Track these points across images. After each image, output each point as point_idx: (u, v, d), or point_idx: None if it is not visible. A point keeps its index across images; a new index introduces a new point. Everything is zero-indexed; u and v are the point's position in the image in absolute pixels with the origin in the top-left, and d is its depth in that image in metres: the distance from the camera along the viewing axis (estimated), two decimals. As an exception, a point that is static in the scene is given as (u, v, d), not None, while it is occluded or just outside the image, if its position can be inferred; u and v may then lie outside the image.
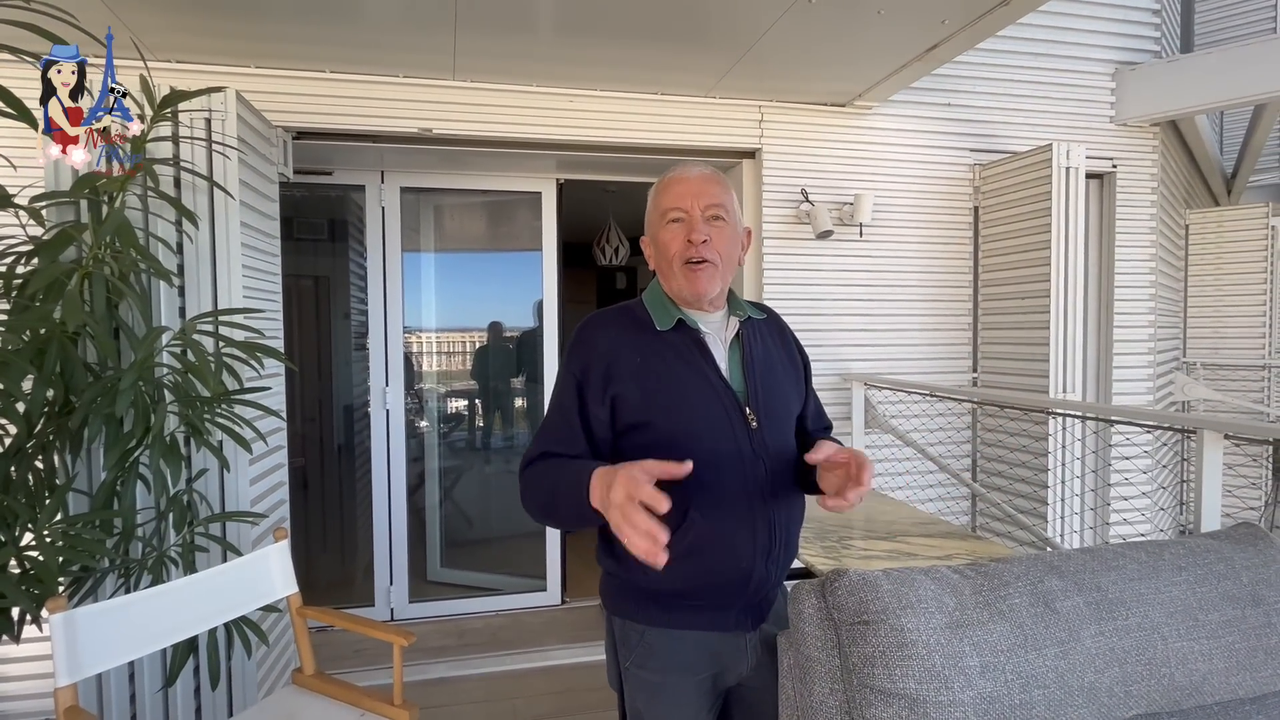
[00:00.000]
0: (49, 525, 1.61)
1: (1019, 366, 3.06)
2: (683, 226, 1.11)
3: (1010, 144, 3.30)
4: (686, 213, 1.10)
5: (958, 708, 0.90)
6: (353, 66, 2.62)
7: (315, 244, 4.02)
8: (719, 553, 1.07)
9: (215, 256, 2.08)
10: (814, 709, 1.03)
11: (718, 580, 1.08)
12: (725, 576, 1.08)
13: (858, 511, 2.52)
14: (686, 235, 1.10)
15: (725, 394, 1.10)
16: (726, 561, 1.08)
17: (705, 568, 1.07)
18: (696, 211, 1.10)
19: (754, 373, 1.13)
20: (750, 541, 1.08)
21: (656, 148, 2.99)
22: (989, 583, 1.02)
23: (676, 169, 1.16)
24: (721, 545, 1.07)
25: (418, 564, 3.44)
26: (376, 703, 1.63)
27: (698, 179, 1.12)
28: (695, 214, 1.10)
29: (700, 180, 1.12)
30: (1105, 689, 0.96)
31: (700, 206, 1.10)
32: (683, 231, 1.10)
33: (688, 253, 1.09)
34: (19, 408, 1.59)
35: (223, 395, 1.80)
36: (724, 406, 1.09)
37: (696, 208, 1.10)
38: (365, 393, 4.07)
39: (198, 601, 1.61)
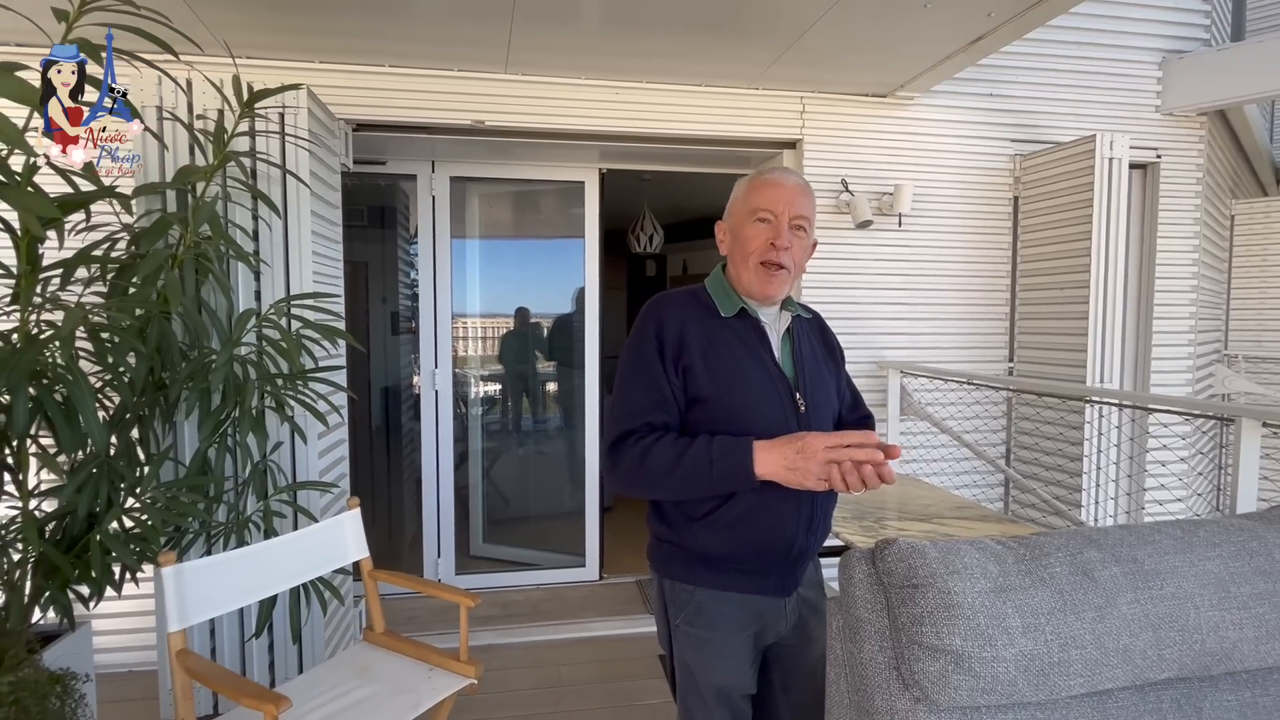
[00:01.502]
0: (152, 489, 1.76)
1: (1057, 356, 3.08)
2: (769, 228, 1.18)
3: (1053, 134, 3.29)
4: (776, 216, 1.18)
5: (1000, 663, 0.99)
6: (410, 61, 2.73)
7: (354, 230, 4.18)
8: (766, 522, 1.17)
9: (288, 243, 2.21)
10: (864, 664, 1.12)
11: (763, 548, 1.18)
12: (770, 545, 1.18)
13: (892, 495, 2.59)
14: (771, 238, 1.18)
15: (780, 380, 1.20)
16: (772, 531, 1.18)
17: (753, 536, 1.17)
18: (785, 218, 1.18)
19: (803, 363, 1.24)
20: (795, 514, 1.18)
21: (699, 138, 3.05)
22: (1030, 553, 1.10)
23: (774, 173, 1.23)
24: (769, 516, 1.17)
25: (462, 539, 3.59)
26: (445, 659, 1.77)
27: (793, 188, 1.20)
28: (784, 220, 1.18)
29: (795, 190, 1.20)
30: (1140, 651, 1.03)
31: (790, 214, 1.18)
32: (768, 233, 1.18)
33: (768, 254, 1.18)
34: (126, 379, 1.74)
35: (301, 373, 1.94)
36: (778, 390, 1.19)
37: (786, 215, 1.18)
38: (405, 375, 4.23)
39: (284, 561, 1.75)
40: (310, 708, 1.59)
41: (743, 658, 1.24)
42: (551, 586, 3.44)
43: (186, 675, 1.43)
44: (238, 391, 1.80)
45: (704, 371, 1.16)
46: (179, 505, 1.77)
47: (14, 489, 1.67)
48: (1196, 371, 3.55)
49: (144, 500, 1.77)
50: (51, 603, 1.71)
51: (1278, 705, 1.12)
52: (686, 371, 1.16)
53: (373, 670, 1.77)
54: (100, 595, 1.75)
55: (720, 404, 1.16)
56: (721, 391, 1.16)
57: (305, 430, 2.07)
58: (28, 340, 1.57)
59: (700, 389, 1.16)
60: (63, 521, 1.72)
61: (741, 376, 1.17)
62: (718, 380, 1.16)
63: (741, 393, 1.16)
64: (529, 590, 3.40)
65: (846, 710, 1.17)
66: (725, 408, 1.15)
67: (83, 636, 1.89)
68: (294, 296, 2.07)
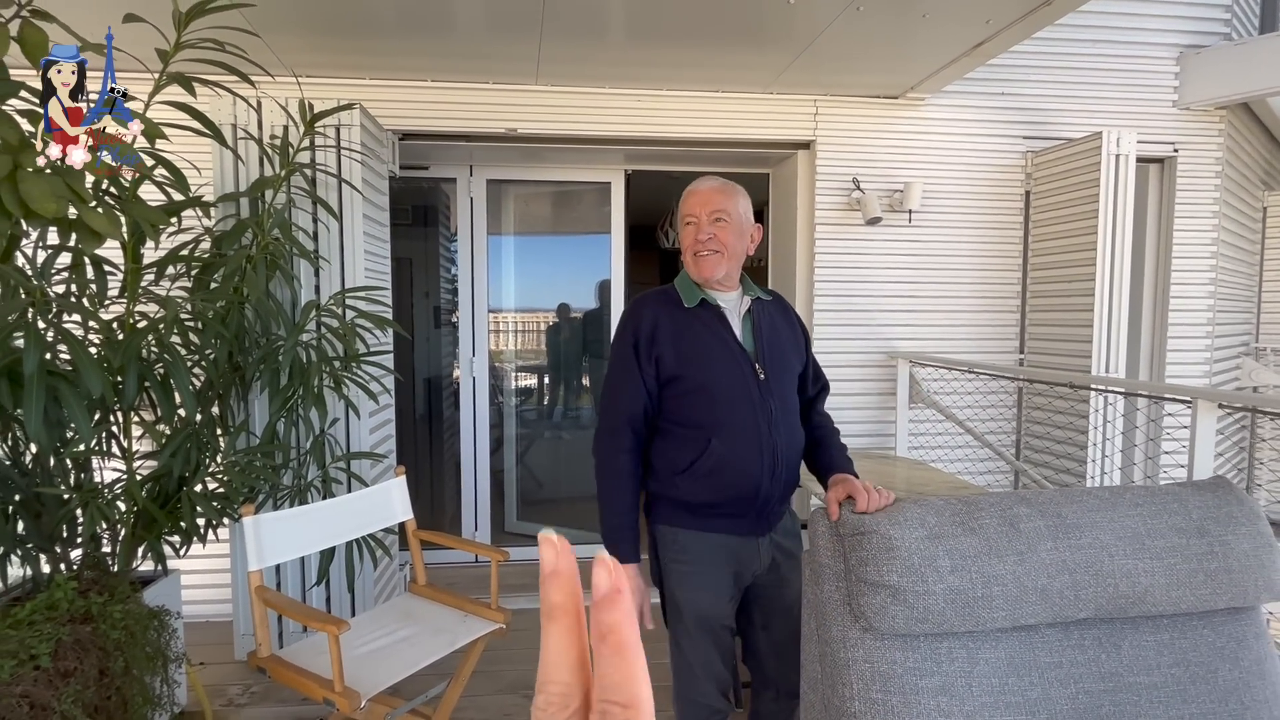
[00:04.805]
0: (233, 455, 2.06)
1: (1065, 347, 3.17)
2: (693, 228, 1.47)
3: (1066, 130, 3.36)
4: (696, 218, 1.46)
5: (931, 597, 1.18)
6: (450, 75, 2.99)
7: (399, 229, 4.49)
8: (734, 471, 1.41)
9: (343, 242, 2.50)
10: (824, 602, 1.32)
11: (734, 493, 1.42)
12: (739, 490, 1.41)
13: (898, 477, 2.75)
14: (695, 234, 1.46)
15: (739, 353, 1.46)
16: (740, 478, 1.41)
17: (724, 483, 1.41)
18: (704, 216, 1.45)
19: (762, 338, 1.48)
20: (758, 462, 1.41)
21: (717, 141, 3.24)
22: (966, 508, 1.28)
23: (695, 182, 1.50)
24: (736, 465, 1.40)
25: (497, 517, 3.87)
26: (478, 607, 2.02)
27: (707, 191, 1.47)
28: (702, 218, 1.45)
29: (709, 192, 1.47)
30: (1057, 592, 1.20)
31: (706, 211, 1.45)
32: (693, 231, 1.47)
33: (695, 246, 1.46)
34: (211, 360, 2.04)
35: (355, 357, 2.22)
36: (738, 362, 1.44)
37: (704, 213, 1.45)
38: (446, 366, 4.53)
39: (341, 519, 2.03)
40: (363, 641, 1.86)
41: (721, 591, 1.46)
42: (580, 560, 3.67)
43: (264, 606, 1.72)
44: (302, 372, 2.09)
45: (674, 355, 1.43)
46: (253, 470, 2.07)
47: (120, 454, 1.99)
48: (1216, 364, 3.57)
49: (225, 464, 2.07)
50: (150, 550, 2.02)
51: (1193, 646, 1.28)
52: (659, 359, 1.44)
53: (415, 615, 2.03)
54: (189, 544, 2.06)
55: (691, 379, 1.42)
56: (690, 369, 1.42)
57: (359, 407, 2.35)
58: (133, 328, 1.88)
59: (672, 369, 1.43)
60: (159, 482, 2.03)
61: (706, 355, 1.43)
62: (686, 360, 1.43)
63: (706, 368, 1.42)
64: (558, 563, 3.65)
65: (814, 644, 1.38)
66: (696, 381, 1.42)
67: (173, 581, 2.21)
68: (349, 289, 2.36)
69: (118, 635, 1.78)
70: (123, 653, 1.73)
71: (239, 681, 2.45)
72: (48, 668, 1.49)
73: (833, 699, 1.26)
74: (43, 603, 1.67)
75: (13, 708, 1.37)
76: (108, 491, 1.91)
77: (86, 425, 1.55)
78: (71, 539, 1.93)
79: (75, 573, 1.89)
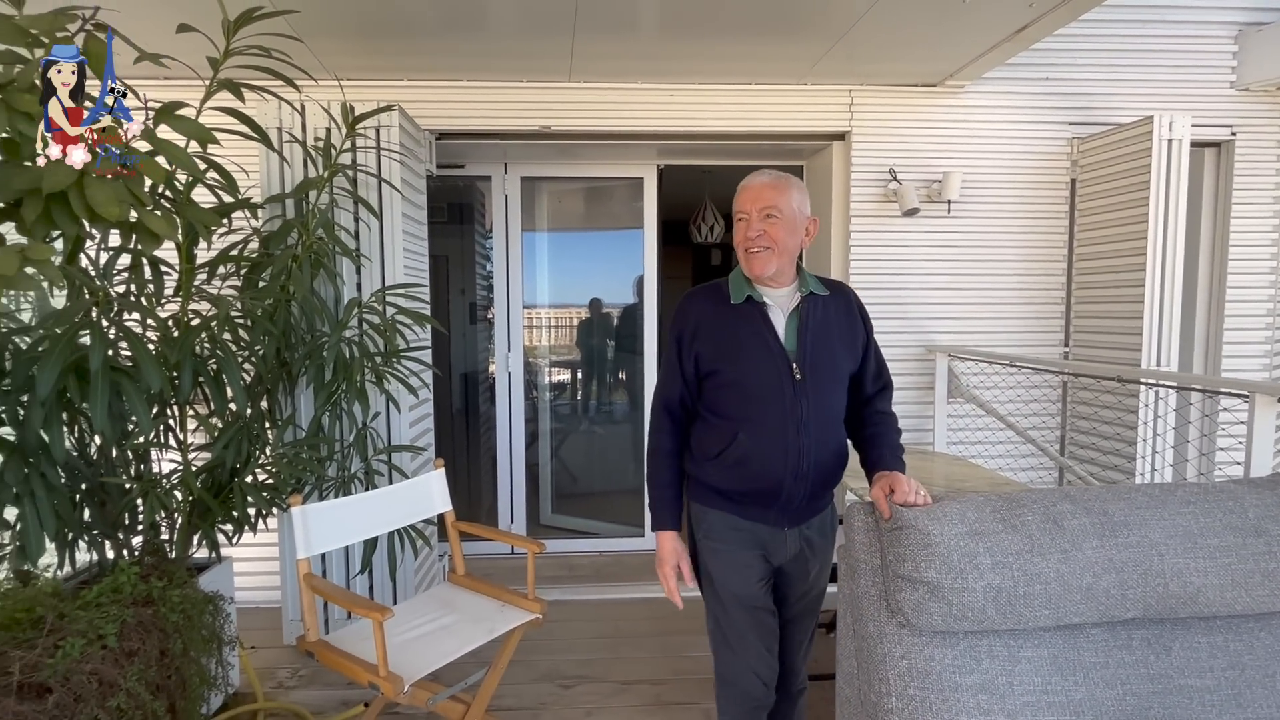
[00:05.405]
0: (280, 447, 2.14)
1: (1113, 340, 3.07)
2: (744, 225, 1.48)
3: (1115, 115, 3.24)
4: (747, 214, 1.47)
5: (970, 594, 1.16)
6: (485, 74, 3.03)
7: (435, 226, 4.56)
8: (757, 465, 1.44)
9: (383, 240, 2.56)
10: (860, 596, 1.32)
11: (755, 486, 1.45)
12: (761, 484, 1.44)
13: (937, 473, 2.70)
14: (745, 231, 1.47)
15: (778, 352, 1.46)
16: (762, 473, 1.44)
17: (747, 474, 1.45)
18: (755, 213, 1.45)
19: (806, 337, 1.47)
20: (782, 461, 1.43)
21: (749, 134, 3.21)
22: (1008, 505, 1.26)
23: (748, 178, 1.50)
24: (759, 460, 1.44)
25: (532, 510, 3.93)
26: (515, 597, 2.06)
27: (758, 187, 1.47)
28: (753, 215, 1.46)
29: (759, 188, 1.47)
30: (1103, 591, 1.18)
31: (757, 209, 1.45)
32: (744, 229, 1.48)
33: (745, 243, 1.47)
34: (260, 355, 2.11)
35: (395, 352, 2.27)
36: (775, 361, 1.44)
37: (754, 209, 1.45)
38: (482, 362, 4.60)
39: (383, 510, 2.08)
40: (406, 628, 1.91)
41: (751, 572, 1.50)
42: (613, 553, 3.72)
43: (311, 592, 1.78)
44: (345, 368, 2.15)
45: (713, 350, 1.48)
46: (300, 461, 2.14)
47: (175, 445, 2.08)
48: (1277, 356, 3.42)
49: (274, 456, 2.15)
50: (204, 537, 2.11)
51: (1249, 649, 1.24)
52: (699, 355, 1.49)
53: (455, 604, 2.08)
54: (241, 532, 2.15)
55: (725, 374, 1.46)
56: (725, 364, 1.46)
57: (399, 401, 2.41)
58: (187, 325, 1.96)
59: (710, 364, 1.48)
60: (212, 472, 2.11)
61: (742, 352, 1.45)
62: (723, 356, 1.46)
63: (741, 364, 1.44)
64: (592, 556, 3.69)
65: (850, 639, 1.37)
66: (729, 376, 1.45)
67: (226, 568, 2.30)
68: (389, 287, 2.42)
69: (176, 618, 1.87)
70: (181, 635, 1.82)
71: (287, 665, 2.54)
72: (114, 647, 1.58)
73: (869, 694, 1.26)
74: (108, 586, 1.76)
75: (83, 684, 1.45)
76: (165, 481, 2.00)
77: (147, 418, 1.63)
78: (132, 526, 2.03)
79: (136, 558, 1.99)
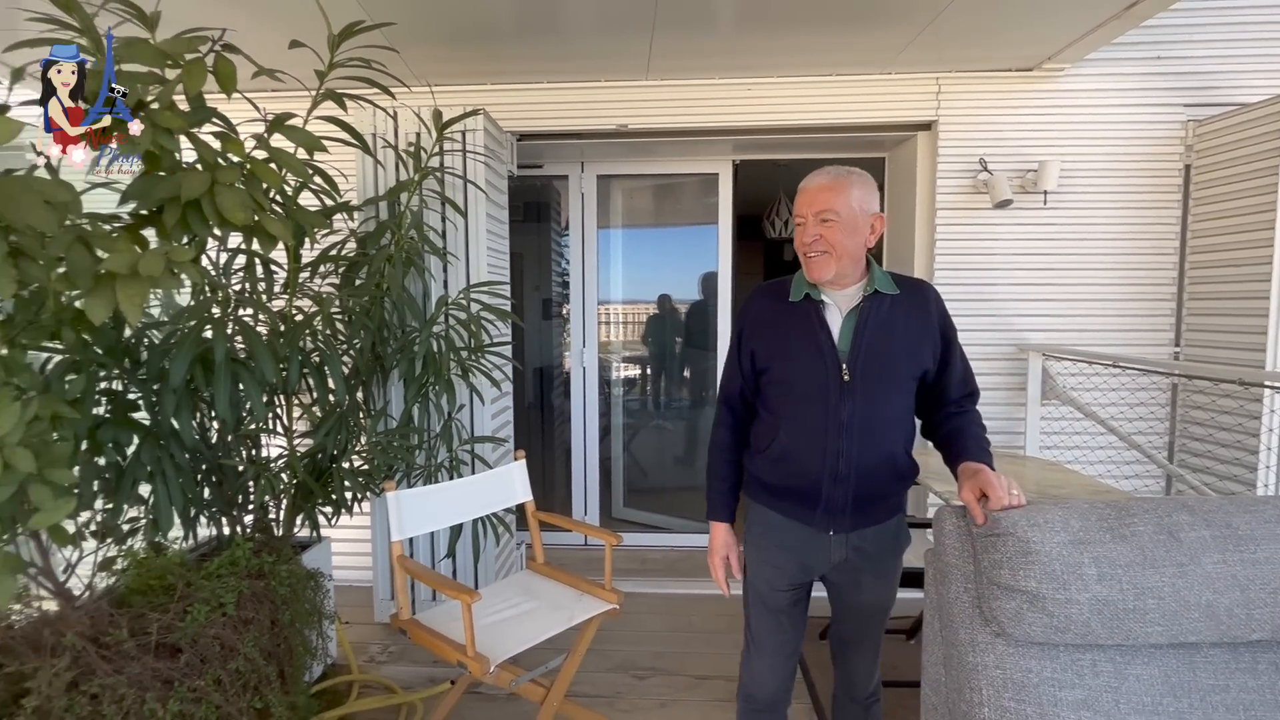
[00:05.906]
0: (375, 436, 2.27)
1: (1232, 339, 2.82)
2: (801, 229, 1.45)
3: (1238, 95, 2.97)
4: (804, 219, 1.44)
5: (1074, 605, 1.11)
6: (563, 76, 3.09)
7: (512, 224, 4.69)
8: (794, 464, 1.45)
9: (468, 239, 2.66)
10: (950, 603, 1.28)
11: (794, 484, 1.46)
12: (798, 483, 1.45)
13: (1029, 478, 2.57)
14: (802, 236, 1.45)
15: (829, 353, 1.42)
16: (799, 472, 1.45)
17: (787, 471, 1.47)
18: (811, 217, 1.42)
19: (862, 338, 1.41)
20: (819, 463, 1.41)
21: (830, 126, 3.14)
22: (1117, 514, 1.19)
23: (807, 178, 1.46)
24: (797, 460, 1.44)
25: (605, 504, 4.00)
26: (593, 587, 2.11)
27: (815, 190, 1.43)
28: (810, 219, 1.42)
29: (815, 190, 1.43)
30: (1224, 609, 1.09)
31: (813, 213, 1.41)
32: (801, 234, 1.45)
33: (803, 248, 1.45)
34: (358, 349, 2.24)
35: (480, 347, 2.36)
36: (824, 362, 1.42)
37: (810, 214, 1.42)
38: (555, 358, 4.71)
39: (468, 498, 2.18)
40: (489, 611, 1.99)
41: (778, 575, 1.52)
42: (685, 549, 3.73)
43: (404, 573, 1.88)
44: (434, 361, 2.26)
45: (765, 348, 1.50)
46: (392, 450, 2.26)
47: (282, 432, 2.24)
48: None
49: (368, 444, 2.28)
50: (306, 518, 2.26)
51: (1398, 682, 1.12)
52: (754, 351, 1.52)
53: (535, 590, 2.15)
54: (339, 514, 2.29)
55: (775, 371, 1.47)
56: (775, 362, 1.48)
57: (483, 394, 2.50)
58: (293, 320, 2.10)
59: (762, 361, 1.50)
60: (314, 458, 2.27)
61: (791, 351, 1.45)
62: (773, 354, 1.48)
63: (789, 363, 1.45)
64: (665, 550, 3.72)
65: (938, 645, 1.33)
66: (778, 374, 1.47)
67: (325, 547, 2.47)
68: (474, 284, 2.51)
69: (285, 591, 2.02)
70: (289, 607, 1.96)
71: (378, 641, 2.70)
72: (233, 615, 1.72)
73: (959, 704, 1.22)
74: (226, 559, 1.92)
75: (208, 646, 1.60)
76: (273, 465, 2.16)
77: (261, 406, 1.77)
78: (244, 505, 2.21)
79: (249, 535, 2.16)
